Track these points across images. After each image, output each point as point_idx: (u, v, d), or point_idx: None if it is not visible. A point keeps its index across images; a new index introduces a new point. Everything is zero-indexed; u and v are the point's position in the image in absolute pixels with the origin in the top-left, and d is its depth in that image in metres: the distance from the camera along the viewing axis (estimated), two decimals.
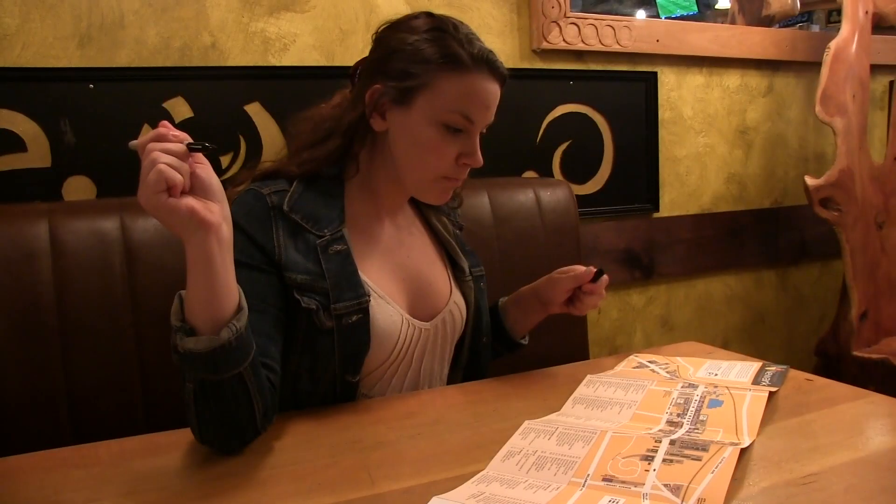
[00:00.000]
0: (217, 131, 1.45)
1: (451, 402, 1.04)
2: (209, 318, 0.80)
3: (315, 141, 1.08)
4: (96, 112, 1.36)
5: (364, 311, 1.01)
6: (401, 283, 1.09)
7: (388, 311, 1.05)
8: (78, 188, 1.36)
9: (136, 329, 1.20)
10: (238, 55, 1.47)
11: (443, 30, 1.00)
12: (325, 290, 0.99)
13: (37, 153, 1.33)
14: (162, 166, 0.74)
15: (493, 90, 1.03)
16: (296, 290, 0.98)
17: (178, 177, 0.75)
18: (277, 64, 1.50)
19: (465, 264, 1.19)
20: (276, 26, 1.49)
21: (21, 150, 1.32)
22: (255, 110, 1.49)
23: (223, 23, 1.45)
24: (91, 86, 1.35)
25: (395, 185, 1.09)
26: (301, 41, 1.52)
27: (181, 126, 1.42)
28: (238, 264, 0.86)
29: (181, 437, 0.93)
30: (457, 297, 1.16)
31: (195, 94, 1.43)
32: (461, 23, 1.03)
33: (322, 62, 1.54)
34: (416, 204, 1.20)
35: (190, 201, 0.77)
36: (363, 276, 1.03)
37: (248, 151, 1.48)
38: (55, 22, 1.32)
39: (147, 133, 0.78)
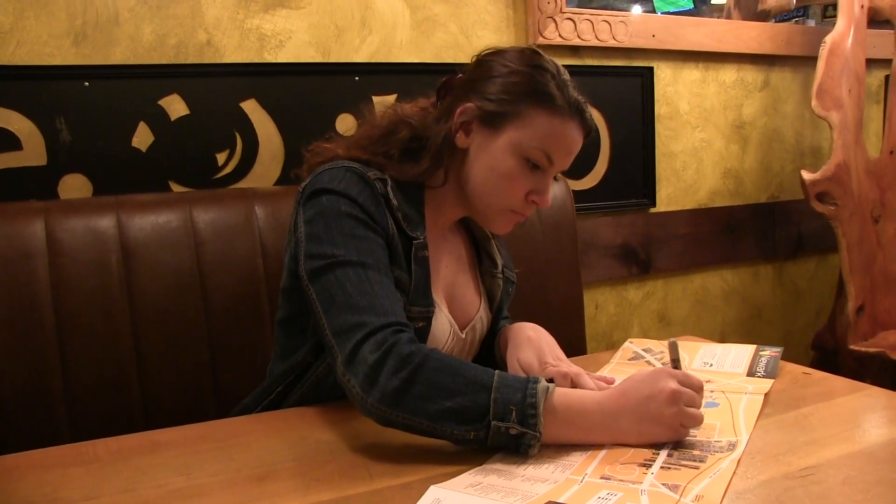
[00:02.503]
0: (213, 128, 1.45)
1: None
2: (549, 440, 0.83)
3: (406, 149, 1.05)
4: (92, 110, 1.35)
5: (429, 319, 1.02)
6: (445, 291, 1.11)
7: (441, 319, 1.06)
8: (74, 186, 1.36)
9: (134, 327, 1.20)
10: (234, 52, 1.46)
11: (545, 68, 1.01)
12: (408, 291, 0.99)
13: (32, 151, 1.32)
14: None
15: (578, 139, 1.03)
16: None
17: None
18: (273, 61, 1.50)
19: (500, 261, 1.19)
20: (271, 23, 1.49)
21: (16, 149, 1.31)
22: (251, 107, 1.48)
23: (218, 20, 1.44)
24: (86, 83, 1.35)
25: (461, 202, 1.08)
26: (297, 38, 1.51)
27: (177, 124, 1.41)
28: (367, 226, 0.94)
29: (179, 435, 0.94)
30: (484, 306, 1.17)
31: (191, 91, 1.43)
32: (563, 68, 1.03)
33: (318, 59, 1.54)
34: None
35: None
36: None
37: (245, 148, 1.48)
38: (49, 19, 1.32)
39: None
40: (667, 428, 0.82)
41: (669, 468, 0.76)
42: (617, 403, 0.83)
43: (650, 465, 0.77)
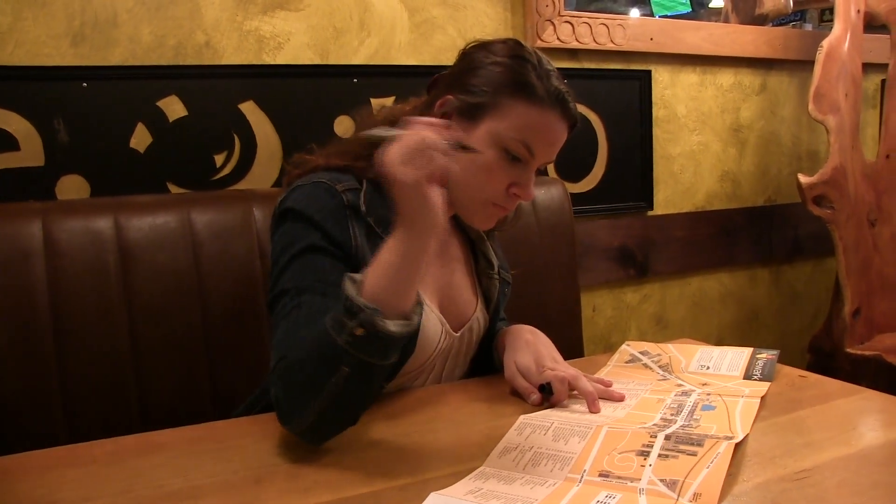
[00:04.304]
0: (211, 130, 1.45)
1: (446, 400, 1.04)
2: (398, 307, 0.80)
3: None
4: (90, 110, 1.35)
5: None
6: (437, 292, 1.09)
7: (431, 319, 1.05)
8: (71, 187, 1.36)
9: (131, 328, 1.20)
10: (232, 54, 1.46)
11: (525, 59, 1.00)
12: None
13: (30, 152, 1.32)
14: (442, 150, 0.78)
15: (560, 130, 1.02)
16: None
17: (447, 167, 0.79)
18: (272, 62, 1.50)
19: (496, 261, 1.19)
20: (270, 25, 1.49)
21: (14, 149, 1.31)
22: (249, 109, 1.48)
23: (217, 21, 1.44)
24: (84, 84, 1.35)
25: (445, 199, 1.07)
26: (295, 40, 1.52)
27: (175, 125, 1.42)
28: (317, 250, 0.92)
29: (176, 436, 0.93)
30: (480, 307, 1.16)
31: (189, 92, 1.43)
32: (546, 59, 1.02)
33: (316, 60, 1.54)
34: None
35: (440, 197, 0.80)
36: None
37: (243, 150, 1.48)
38: (48, 20, 1.32)
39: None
40: (415, 192, 0.79)
41: (667, 457, 0.76)
42: (396, 233, 0.82)
43: (647, 454, 0.77)
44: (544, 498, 0.71)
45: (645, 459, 0.76)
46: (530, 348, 1.07)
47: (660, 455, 0.77)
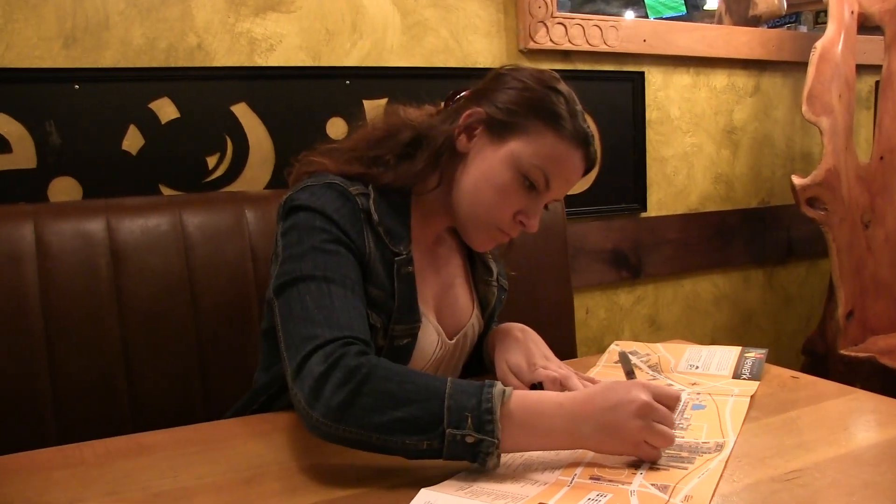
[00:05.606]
0: (203, 132, 1.45)
1: None
2: (510, 448, 0.78)
3: (403, 149, 1.03)
4: (82, 113, 1.35)
5: (415, 335, 1.01)
6: (434, 299, 1.09)
7: (429, 330, 1.05)
8: (63, 189, 1.35)
9: (122, 330, 1.19)
10: (224, 56, 1.46)
11: (560, 92, 1.00)
12: (390, 310, 0.98)
13: (22, 154, 1.32)
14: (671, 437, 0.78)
15: (579, 170, 1.02)
16: (367, 304, 0.96)
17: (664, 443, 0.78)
18: (264, 64, 1.50)
19: (495, 268, 1.18)
20: (262, 27, 1.49)
21: (6, 152, 1.31)
22: (241, 111, 1.48)
23: (209, 23, 1.44)
24: (76, 86, 1.34)
25: (449, 211, 1.06)
26: (287, 42, 1.52)
27: (167, 127, 1.41)
28: (339, 243, 0.92)
29: (166, 437, 0.93)
30: (476, 313, 1.16)
31: (181, 94, 1.42)
32: (576, 98, 1.02)
33: (308, 62, 1.54)
34: None
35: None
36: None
37: (235, 152, 1.48)
38: (39, 22, 1.31)
39: None
40: (629, 442, 0.77)
41: (658, 469, 0.76)
42: (580, 407, 0.78)
43: (639, 466, 0.77)
44: (534, 495, 0.71)
45: (636, 469, 0.76)
46: (520, 346, 1.07)
47: (651, 468, 0.77)
